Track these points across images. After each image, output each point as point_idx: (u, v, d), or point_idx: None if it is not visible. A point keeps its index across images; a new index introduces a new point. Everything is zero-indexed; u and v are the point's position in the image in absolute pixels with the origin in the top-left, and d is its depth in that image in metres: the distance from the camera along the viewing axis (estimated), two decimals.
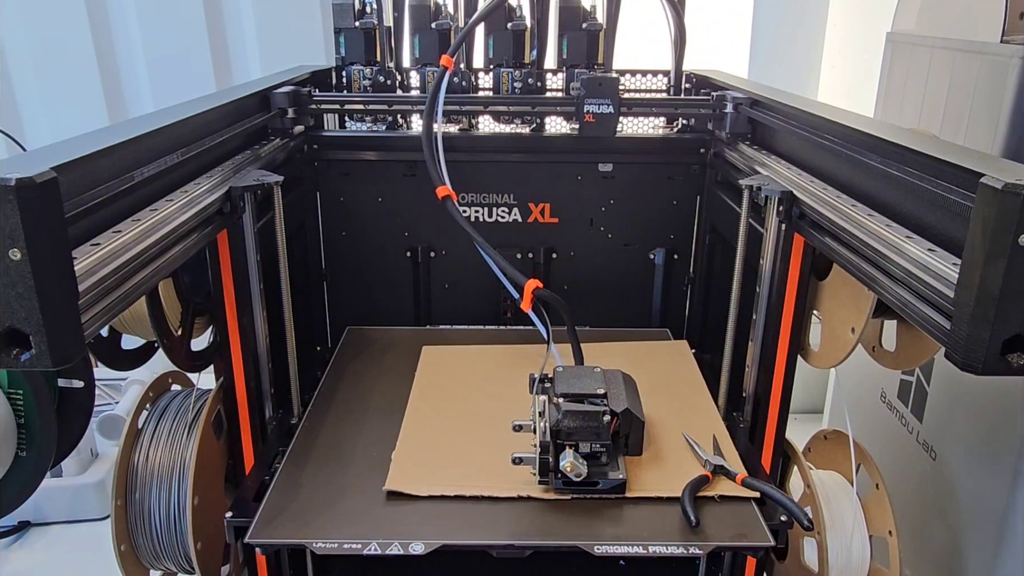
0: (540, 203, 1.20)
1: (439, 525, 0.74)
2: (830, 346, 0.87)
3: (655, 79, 1.31)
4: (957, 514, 1.13)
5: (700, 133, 1.19)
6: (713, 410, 0.97)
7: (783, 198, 0.80)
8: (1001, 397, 1.04)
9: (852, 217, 0.69)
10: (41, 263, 0.46)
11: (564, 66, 1.22)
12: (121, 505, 0.89)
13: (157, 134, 0.70)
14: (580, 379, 0.82)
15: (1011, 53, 1.07)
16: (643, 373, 0.91)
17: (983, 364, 0.51)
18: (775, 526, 0.75)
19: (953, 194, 0.56)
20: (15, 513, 1.61)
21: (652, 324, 1.27)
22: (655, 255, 1.24)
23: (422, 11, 1.17)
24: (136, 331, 0.90)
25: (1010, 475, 1.01)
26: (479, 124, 1.22)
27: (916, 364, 0.89)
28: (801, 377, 0.90)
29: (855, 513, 0.93)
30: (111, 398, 1.69)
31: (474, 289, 1.23)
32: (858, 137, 0.73)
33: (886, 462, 0.99)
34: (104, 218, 0.60)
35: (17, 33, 1.73)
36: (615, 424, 0.78)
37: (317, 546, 0.71)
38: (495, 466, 0.82)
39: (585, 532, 0.74)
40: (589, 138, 1.08)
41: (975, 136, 1.15)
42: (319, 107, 1.12)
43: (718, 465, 0.82)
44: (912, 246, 0.59)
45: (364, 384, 1.04)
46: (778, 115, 0.95)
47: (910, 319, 0.58)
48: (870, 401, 1.43)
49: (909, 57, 1.37)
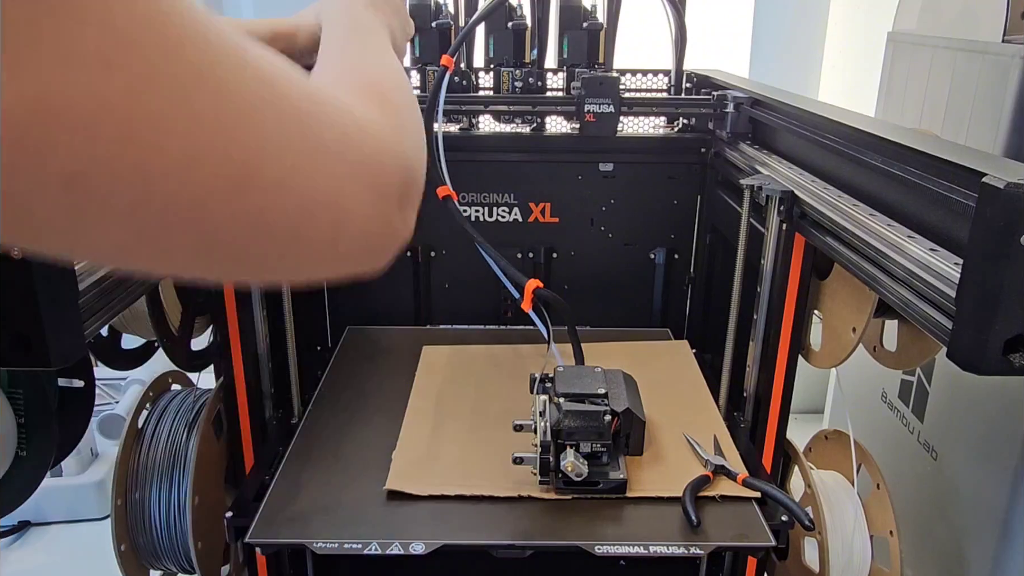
0: (540, 203, 1.20)
1: (440, 525, 0.74)
2: (831, 346, 0.87)
3: (656, 79, 1.31)
4: (958, 514, 1.13)
5: (701, 133, 1.18)
6: (714, 410, 0.97)
7: (784, 198, 0.80)
8: (1002, 397, 1.04)
9: (853, 217, 0.69)
10: (41, 262, 0.46)
11: (565, 65, 1.22)
12: (121, 505, 0.89)
13: None
14: (581, 379, 0.82)
15: (1012, 53, 1.07)
16: (644, 373, 0.91)
17: (985, 364, 0.51)
18: (776, 526, 0.75)
19: (955, 194, 0.56)
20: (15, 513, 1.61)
21: (652, 324, 1.26)
22: (655, 255, 1.24)
23: (422, 10, 1.17)
24: (136, 331, 0.90)
25: (1011, 475, 1.01)
26: (479, 123, 1.22)
27: (917, 364, 0.89)
28: (802, 377, 0.89)
29: (856, 513, 0.93)
30: (111, 398, 1.69)
31: (474, 289, 1.23)
32: (859, 137, 0.73)
33: (887, 462, 0.99)
34: None
35: None
36: (616, 424, 0.78)
37: (317, 546, 0.71)
38: (495, 466, 0.82)
39: (586, 532, 0.73)
40: (590, 138, 1.08)
41: (976, 136, 1.15)
42: None
43: (719, 465, 0.82)
44: (913, 246, 0.59)
45: (364, 384, 1.04)
46: (779, 115, 0.94)
47: (911, 319, 0.58)
48: (871, 401, 1.43)
49: (910, 57, 1.37)
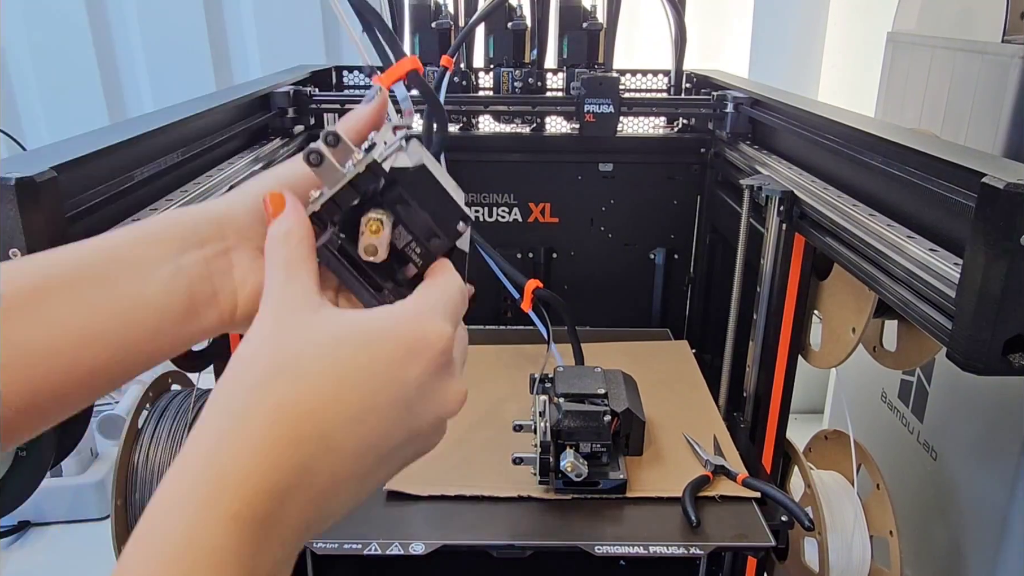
0: (540, 203, 1.20)
1: (439, 525, 0.74)
2: (831, 346, 0.87)
3: (655, 79, 1.31)
4: (958, 514, 1.13)
5: (700, 133, 1.18)
6: (714, 410, 0.97)
7: (784, 198, 0.80)
8: (1002, 397, 1.04)
9: (853, 217, 0.69)
10: None
11: (564, 66, 1.22)
12: (121, 505, 0.89)
13: (157, 134, 0.70)
14: (580, 379, 0.82)
15: (1012, 53, 1.07)
16: (643, 373, 0.91)
17: (984, 364, 0.51)
18: (776, 526, 0.75)
19: (954, 194, 0.56)
20: (15, 513, 1.61)
21: (652, 324, 1.26)
22: (655, 255, 1.24)
23: (422, 11, 1.17)
24: None
25: (1011, 475, 1.00)
26: (479, 124, 1.22)
27: (917, 364, 0.89)
28: (802, 377, 0.89)
29: (856, 513, 0.93)
30: (111, 398, 1.69)
31: (474, 289, 1.23)
32: (859, 137, 0.73)
33: (887, 462, 0.99)
34: (104, 217, 0.60)
35: (17, 32, 1.73)
36: (616, 424, 0.78)
37: (317, 546, 0.71)
38: (495, 466, 0.81)
39: (586, 532, 0.73)
40: (589, 138, 1.08)
41: (976, 136, 1.15)
42: (319, 107, 1.12)
43: (719, 465, 0.82)
44: (913, 246, 0.59)
45: None
46: (779, 115, 0.94)
47: (911, 319, 0.58)
48: (871, 401, 1.43)
49: (910, 57, 1.37)
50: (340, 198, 0.36)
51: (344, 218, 0.37)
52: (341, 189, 0.36)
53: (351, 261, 0.37)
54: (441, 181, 0.39)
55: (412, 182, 0.38)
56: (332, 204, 0.36)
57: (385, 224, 0.37)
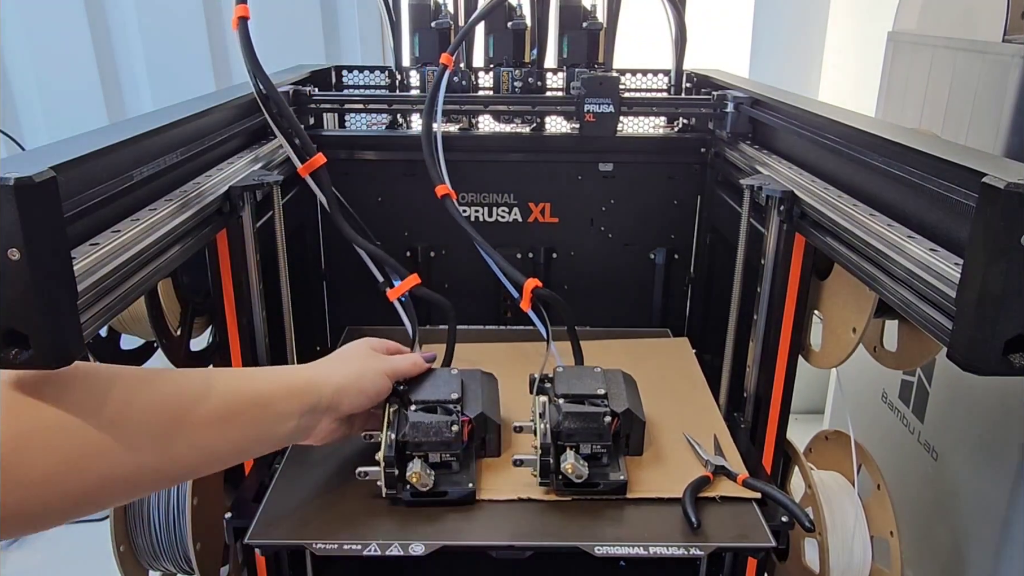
0: (540, 203, 1.20)
1: (439, 526, 0.74)
2: (831, 346, 0.87)
3: (655, 78, 1.31)
4: (959, 514, 1.13)
5: (701, 133, 1.18)
6: (714, 409, 0.97)
7: (784, 198, 0.80)
8: (1003, 397, 1.04)
9: (853, 217, 0.69)
10: (40, 263, 0.46)
11: (564, 65, 1.22)
12: (120, 505, 0.89)
13: (156, 133, 0.70)
14: (580, 379, 0.82)
15: (1013, 52, 1.07)
16: (644, 372, 0.90)
17: (985, 364, 0.50)
18: (776, 527, 0.75)
19: (955, 194, 0.56)
20: None
21: (652, 324, 1.26)
22: (655, 255, 1.24)
23: (422, 10, 1.17)
24: (135, 331, 0.90)
25: (1012, 475, 1.00)
26: (479, 123, 1.22)
27: (917, 364, 0.88)
28: (802, 377, 0.89)
29: (856, 514, 0.93)
30: None
31: (474, 289, 1.23)
32: (859, 137, 0.73)
33: (887, 462, 0.99)
34: (103, 218, 0.60)
35: (16, 32, 1.73)
36: (616, 425, 0.78)
37: (317, 547, 0.71)
38: (496, 467, 0.81)
39: (586, 533, 0.73)
40: (589, 138, 1.08)
41: (977, 136, 1.15)
42: (319, 107, 1.12)
43: (719, 466, 0.82)
44: (914, 246, 0.59)
45: None
46: (779, 115, 0.94)
47: (912, 319, 0.58)
48: (871, 401, 1.43)
49: (911, 56, 1.37)
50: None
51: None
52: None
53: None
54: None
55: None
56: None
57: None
